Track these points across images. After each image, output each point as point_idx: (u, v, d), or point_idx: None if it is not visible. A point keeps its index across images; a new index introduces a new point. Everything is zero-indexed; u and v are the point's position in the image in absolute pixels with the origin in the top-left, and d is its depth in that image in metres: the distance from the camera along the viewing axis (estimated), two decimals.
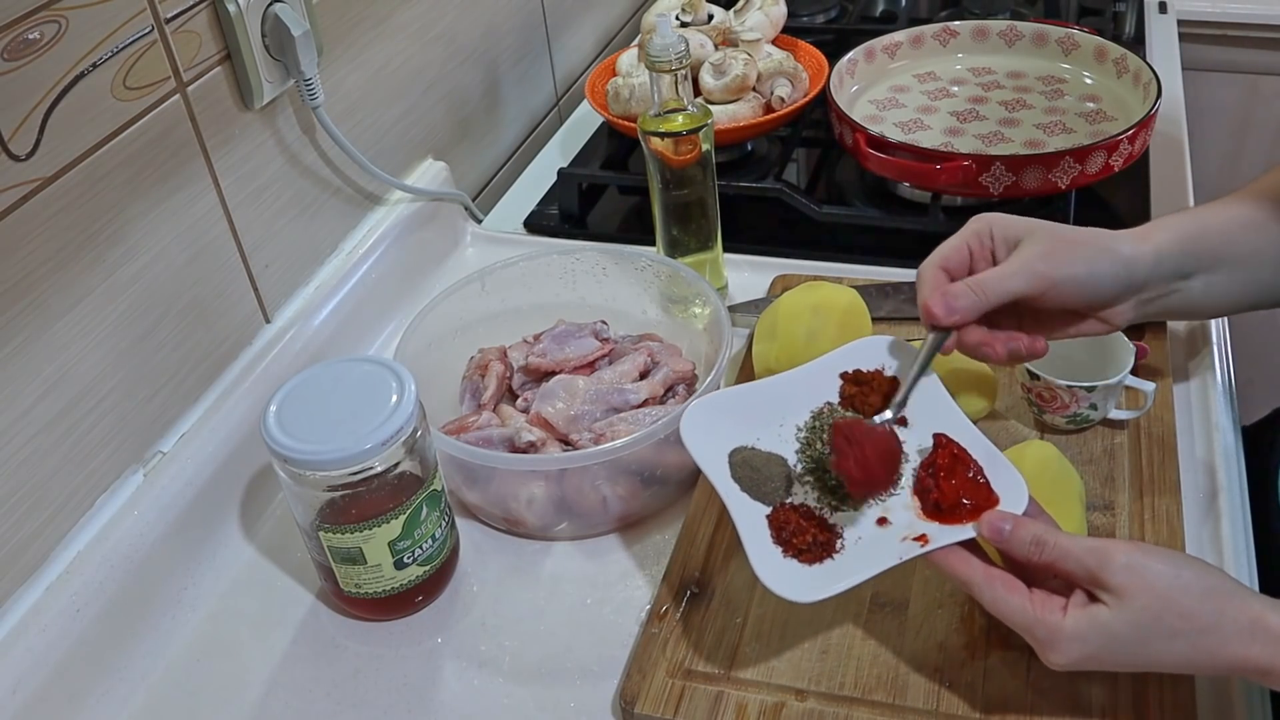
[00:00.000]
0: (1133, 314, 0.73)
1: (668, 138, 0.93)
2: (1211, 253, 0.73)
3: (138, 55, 0.76)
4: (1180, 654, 0.59)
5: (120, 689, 0.75)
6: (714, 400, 0.73)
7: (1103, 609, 0.60)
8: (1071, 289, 0.70)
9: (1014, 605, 0.62)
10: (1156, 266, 0.72)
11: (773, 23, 1.28)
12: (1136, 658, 0.60)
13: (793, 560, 0.66)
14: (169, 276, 0.82)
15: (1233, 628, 0.59)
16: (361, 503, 0.72)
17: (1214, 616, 0.59)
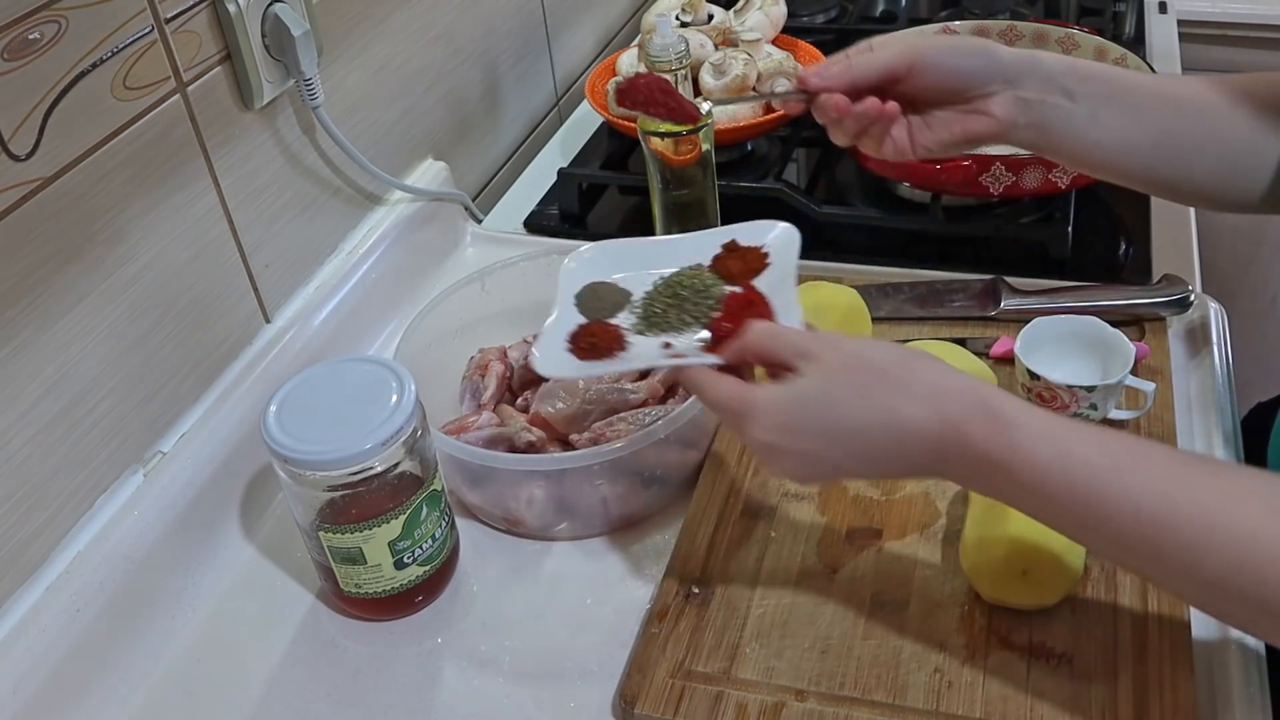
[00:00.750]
0: (1014, 112, 0.73)
1: (668, 138, 0.93)
2: (1098, 83, 0.75)
3: (138, 55, 0.76)
4: (875, 415, 0.59)
5: (120, 689, 0.75)
6: (606, 245, 0.80)
7: (796, 376, 0.60)
8: (935, 63, 0.73)
9: (717, 390, 0.63)
10: (1033, 65, 0.73)
11: (773, 23, 1.28)
12: (831, 424, 0.59)
13: (570, 354, 0.72)
14: (169, 276, 0.82)
15: (925, 387, 0.59)
16: (361, 503, 0.72)
17: (907, 375, 0.59)
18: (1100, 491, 0.56)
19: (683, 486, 0.84)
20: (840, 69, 0.74)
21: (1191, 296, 0.91)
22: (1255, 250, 1.74)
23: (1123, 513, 0.55)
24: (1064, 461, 0.57)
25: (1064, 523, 0.59)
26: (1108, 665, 0.67)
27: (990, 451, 0.58)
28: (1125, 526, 0.55)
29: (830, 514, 0.79)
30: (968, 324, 0.95)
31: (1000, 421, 0.58)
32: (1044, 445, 0.57)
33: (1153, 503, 0.55)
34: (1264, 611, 0.53)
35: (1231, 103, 0.76)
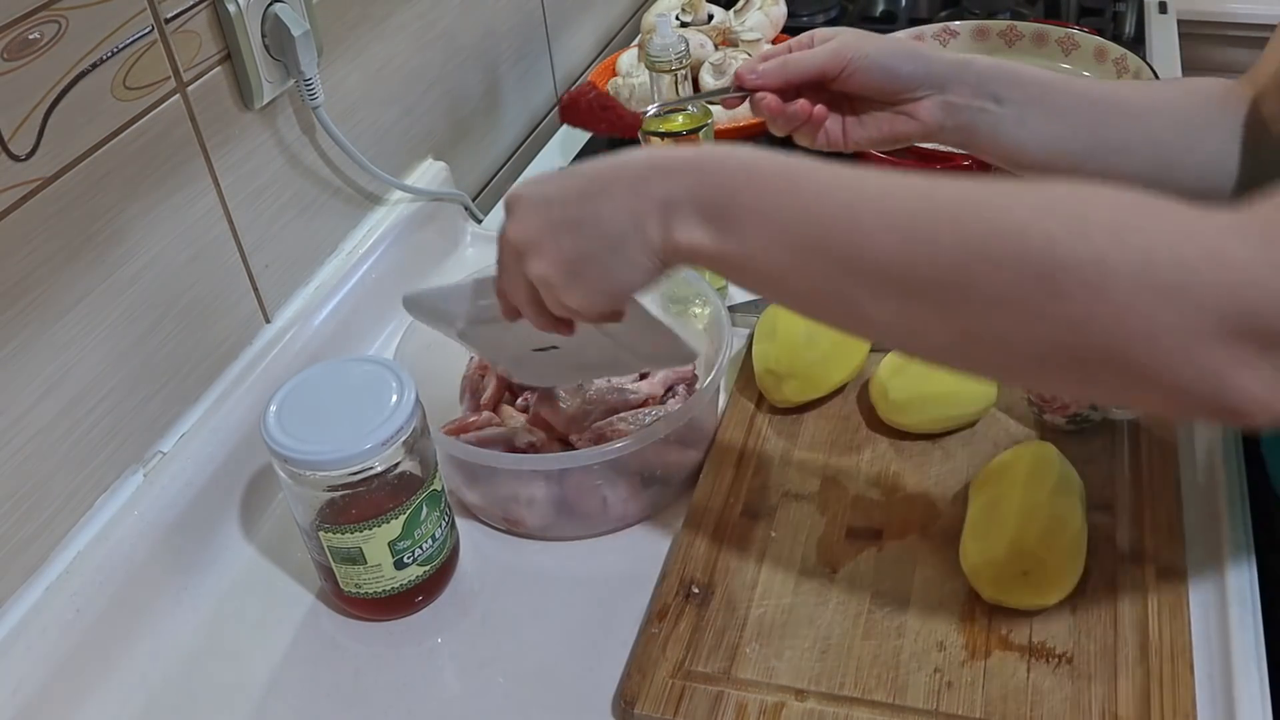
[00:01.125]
0: (941, 116, 0.76)
1: (668, 138, 0.93)
2: (1028, 88, 0.76)
3: (138, 55, 0.76)
4: (603, 163, 0.61)
5: (120, 689, 0.75)
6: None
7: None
8: (866, 66, 0.75)
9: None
10: (963, 70, 0.76)
11: (773, 23, 1.28)
12: (569, 189, 0.61)
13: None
14: (169, 276, 0.82)
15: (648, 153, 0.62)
16: (361, 503, 0.72)
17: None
18: (824, 194, 0.54)
19: (683, 487, 0.84)
20: (775, 67, 0.77)
21: None
22: None
23: (843, 213, 0.54)
24: (788, 168, 0.56)
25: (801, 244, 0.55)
26: (1108, 665, 0.67)
27: (715, 193, 0.57)
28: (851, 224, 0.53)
29: (830, 514, 0.80)
30: None
31: (719, 154, 0.59)
32: (769, 160, 0.57)
33: (877, 189, 0.54)
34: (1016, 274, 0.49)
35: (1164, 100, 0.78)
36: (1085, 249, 0.47)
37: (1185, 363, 0.47)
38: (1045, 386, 0.54)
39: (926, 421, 0.84)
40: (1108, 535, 0.75)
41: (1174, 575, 0.71)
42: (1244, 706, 0.65)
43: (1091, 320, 0.48)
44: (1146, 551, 0.73)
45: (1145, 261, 0.47)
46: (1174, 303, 0.46)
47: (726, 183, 0.57)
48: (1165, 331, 0.47)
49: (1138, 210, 0.49)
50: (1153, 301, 0.47)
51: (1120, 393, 0.51)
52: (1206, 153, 0.77)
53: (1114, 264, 0.47)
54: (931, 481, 0.81)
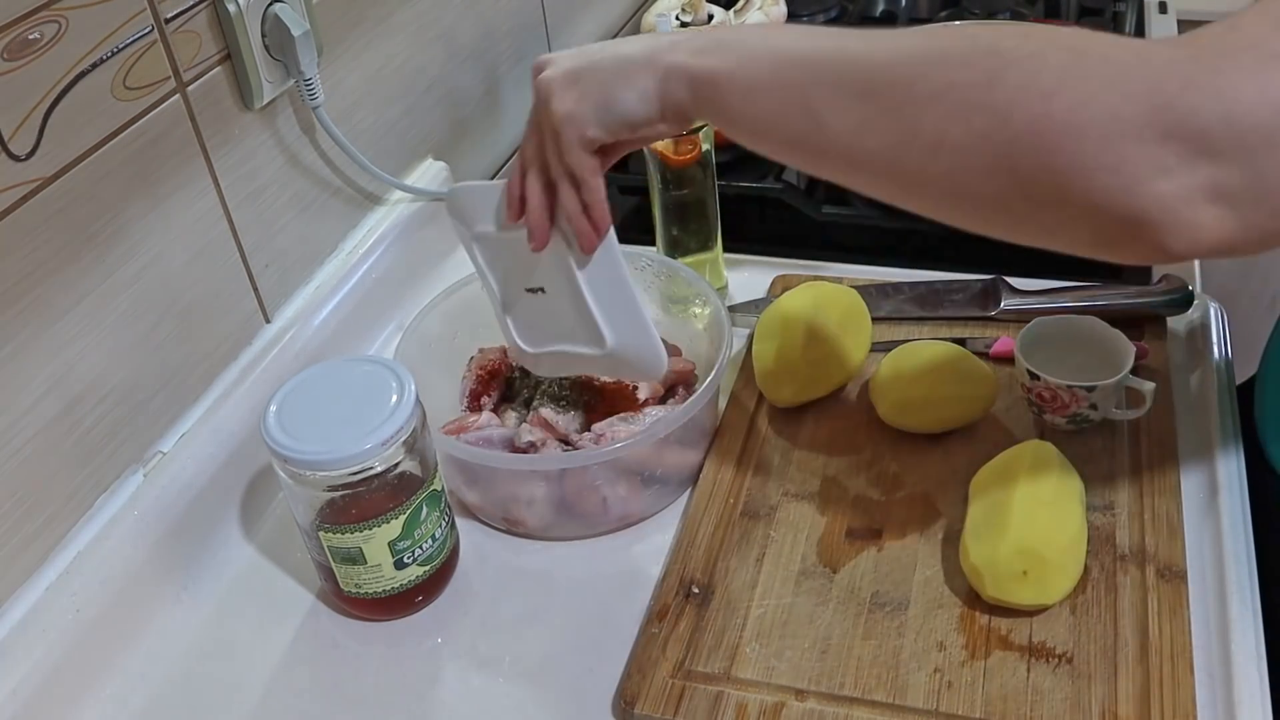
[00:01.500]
0: None
1: (668, 138, 0.93)
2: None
3: (138, 55, 0.76)
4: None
5: (120, 689, 0.75)
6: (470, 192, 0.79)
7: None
8: None
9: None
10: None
11: (772, 22, 1.28)
12: (605, 44, 0.67)
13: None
14: (169, 276, 0.82)
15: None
16: (361, 503, 0.72)
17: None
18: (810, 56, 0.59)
19: (683, 486, 0.84)
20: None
21: (1192, 296, 0.91)
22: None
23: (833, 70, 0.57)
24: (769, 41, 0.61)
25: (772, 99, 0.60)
26: (1108, 665, 0.67)
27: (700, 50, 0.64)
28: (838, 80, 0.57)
29: (830, 514, 0.80)
30: (968, 324, 0.95)
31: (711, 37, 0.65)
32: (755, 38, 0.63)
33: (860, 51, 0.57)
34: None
35: None
36: (1026, 46, 0.51)
37: (1106, 159, 0.48)
38: (972, 207, 0.54)
39: (926, 421, 0.84)
40: (1108, 535, 0.75)
41: (1174, 575, 0.71)
42: (1244, 706, 0.65)
43: (1021, 108, 0.49)
44: (1146, 551, 0.73)
45: (1077, 56, 0.49)
46: (1102, 94, 0.48)
47: (746, 29, 0.65)
48: (1090, 123, 0.48)
49: (1080, 32, 0.52)
50: (1081, 90, 0.48)
51: (1042, 207, 0.51)
52: None
53: (1048, 57, 0.50)
54: (931, 481, 0.81)
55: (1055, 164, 0.49)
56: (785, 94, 0.59)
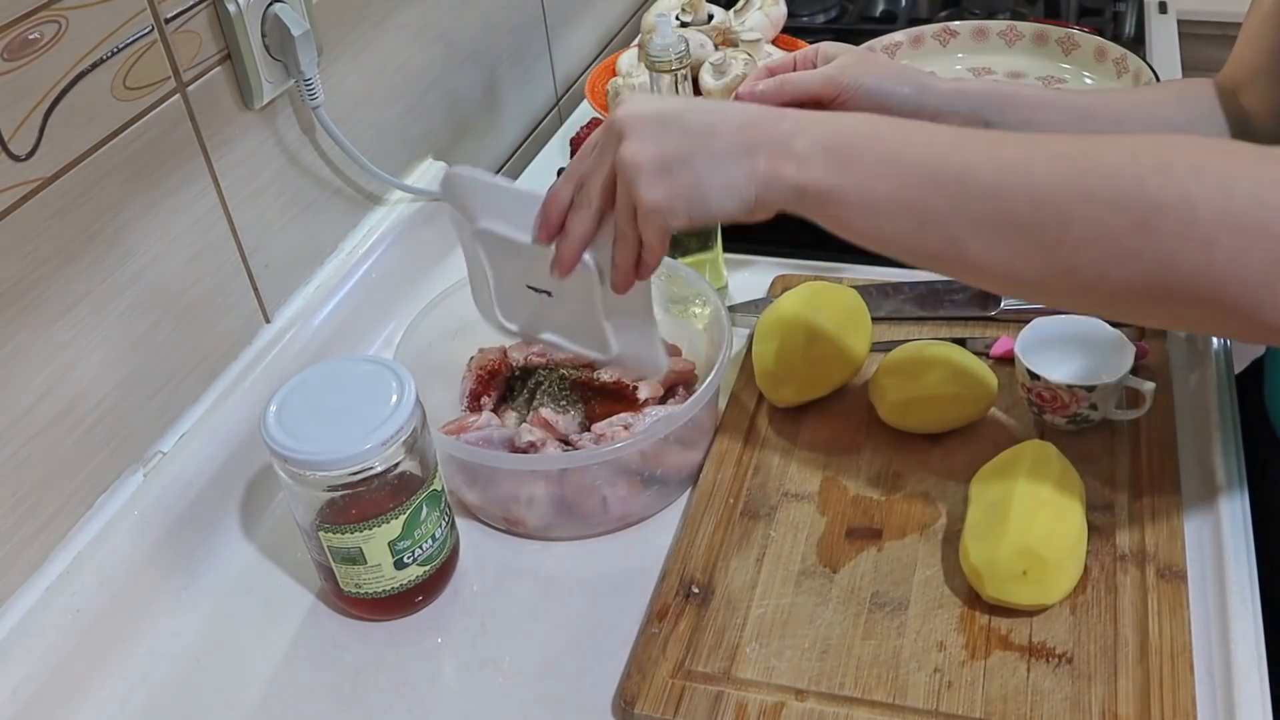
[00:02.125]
0: None
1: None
2: (1015, 109, 0.79)
3: (138, 55, 0.76)
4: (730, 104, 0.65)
5: (120, 689, 0.75)
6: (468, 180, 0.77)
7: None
8: (861, 96, 0.78)
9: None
10: (954, 98, 0.79)
11: (773, 23, 1.28)
12: (692, 103, 0.65)
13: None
14: (169, 276, 0.82)
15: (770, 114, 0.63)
16: (361, 503, 0.72)
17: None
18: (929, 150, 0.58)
19: (683, 486, 0.84)
20: (773, 86, 0.79)
21: None
22: None
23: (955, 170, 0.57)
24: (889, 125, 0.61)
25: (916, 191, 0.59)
26: (1108, 665, 0.67)
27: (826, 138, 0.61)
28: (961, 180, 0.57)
29: (830, 514, 0.80)
30: (968, 324, 0.95)
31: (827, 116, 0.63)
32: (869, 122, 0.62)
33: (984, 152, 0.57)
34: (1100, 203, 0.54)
35: (1156, 105, 0.81)
36: (1173, 189, 0.51)
37: (1269, 296, 0.50)
38: (1135, 318, 0.59)
39: (926, 421, 0.84)
40: (1108, 535, 0.75)
41: (1174, 575, 0.71)
42: (1244, 706, 0.65)
43: (1179, 255, 0.51)
44: (1146, 551, 0.73)
45: (1226, 200, 0.50)
46: (1261, 240, 0.49)
47: (846, 126, 0.62)
48: (1252, 269, 0.50)
49: (1215, 153, 0.52)
50: (1236, 237, 0.50)
51: (1207, 323, 0.54)
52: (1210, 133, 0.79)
53: (1198, 202, 0.50)
54: (931, 481, 0.81)
55: (1219, 302, 0.51)
56: (919, 218, 0.58)
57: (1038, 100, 0.80)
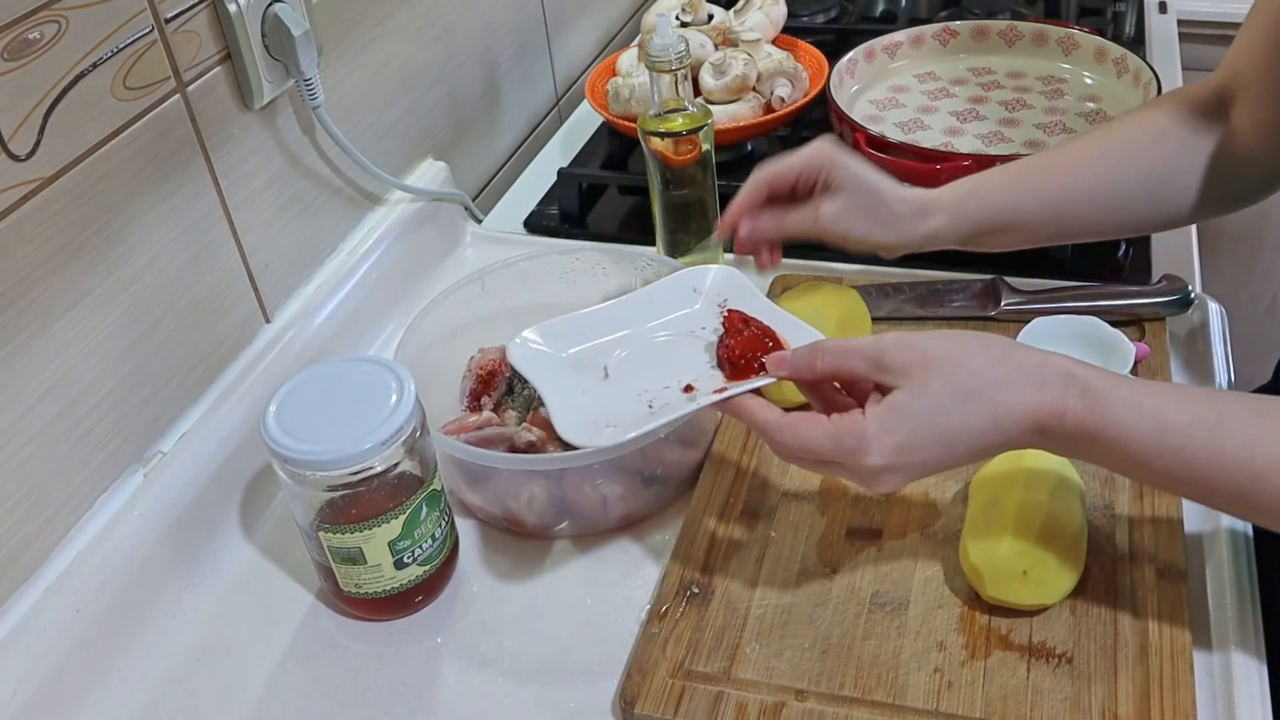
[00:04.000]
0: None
1: (668, 138, 0.93)
2: (995, 226, 0.83)
3: (138, 55, 0.76)
4: (982, 414, 0.61)
5: (120, 689, 0.75)
6: (548, 326, 0.79)
7: (898, 393, 0.61)
8: (854, 242, 0.83)
9: (815, 432, 0.63)
10: (941, 234, 0.83)
11: (773, 23, 1.28)
12: (945, 433, 0.61)
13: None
14: (169, 276, 0.82)
15: (1020, 375, 0.61)
16: (361, 503, 0.72)
17: (1000, 369, 0.61)
18: (1193, 451, 0.60)
19: (683, 486, 0.84)
20: (765, 233, 0.84)
21: (1192, 296, 0.91)
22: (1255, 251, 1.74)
23: (1211, 471, 0.60)
24: (1157, 427, 0.60)
25: (1160, 481, 0.65)
26: (1108, 665, 0.67)
27: (1087, 427, 0.61)
28: (1219, 479, 0.60)
29: (830, 514, 0.80)
30: (968, 324, 0.95)
31: (1092, 396, 0.61)
32: (1137, 415, 0.61)
33: (1239, 456, 0.60)
34: None
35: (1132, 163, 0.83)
36: None
37: None
38: None
39: None
40: (1108, 535, 0.75)
41: (1174, 575, 0.71)
42: (1244, 706, 0.65)
43: None
44: (1146, 551, 0.73)
45: None
46: None
47: (1100, 447, 0.63)
48: None
49: None
50: None
51: None
52: (1176, 200, 0.82)
53: None
54: (931, 481, 0.81)
55: None
56: (1163, 481, 0.65)
57: (1006, 206, 0.83)
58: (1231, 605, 0.71)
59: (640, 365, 0.75)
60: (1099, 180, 0.83)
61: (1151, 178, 0.82)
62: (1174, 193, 0.82)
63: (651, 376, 0.74)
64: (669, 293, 0.80)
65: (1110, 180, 0.83)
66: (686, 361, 0.74)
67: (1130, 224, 0.85)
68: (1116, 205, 0.83)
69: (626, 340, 0.77)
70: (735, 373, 0.71)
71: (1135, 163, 0.82)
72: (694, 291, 0.79)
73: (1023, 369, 0.61)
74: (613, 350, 0.77)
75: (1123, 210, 0.83)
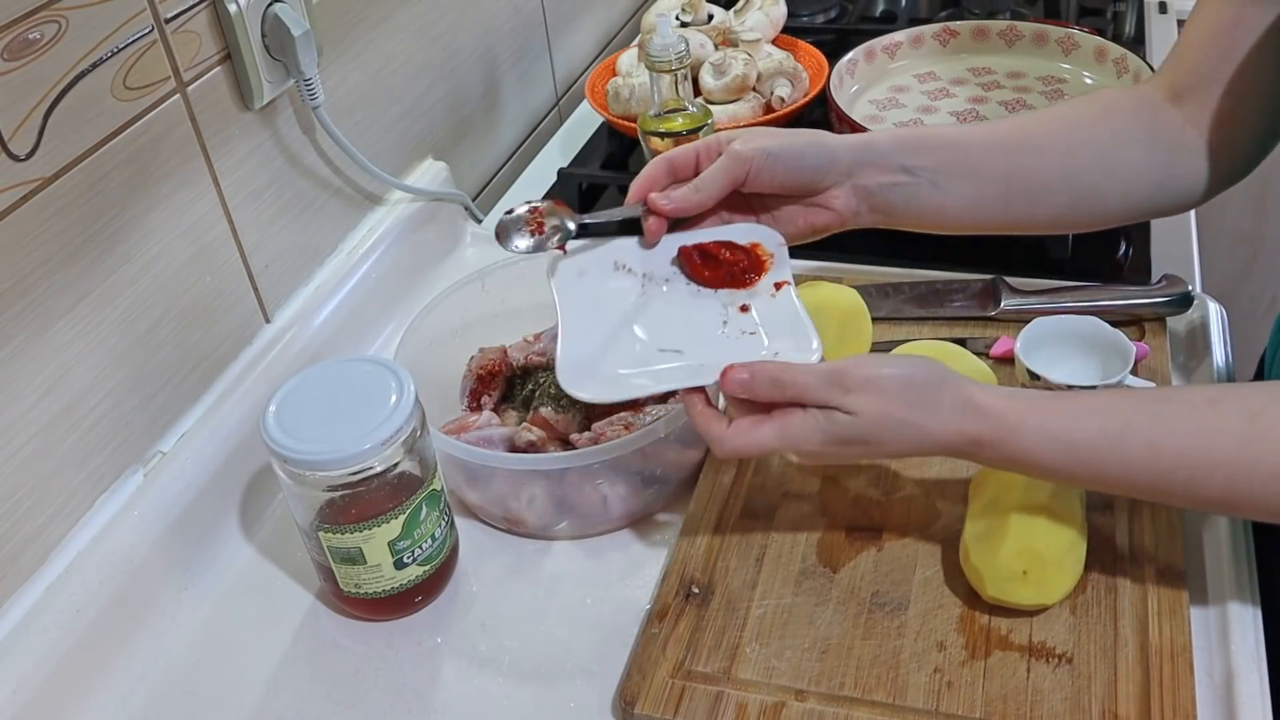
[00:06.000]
0: (854, 202, 0.78)
1: (668, 138, 0.93)
2: (935, 152, 0.78)
3: (138, 55, 0.76)
4: (909, 439, 0.67)
5: (120, 689, 0.75)
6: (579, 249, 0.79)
7: (841, 415, 0.67)
8: (770, 165, 0.75)
9: (765, 431, 0.68)
10: (864, 150, 0.77)
11: (773, 23, 1.28)
12: (875, 446, 0.67)
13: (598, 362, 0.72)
14: (169, 276, 0.82)
15: (949, 407, 0.67)
16: (361, 503, 0.72)
17: (934, 402, 0.67)
18: (1101, 463, 0.66)
19: (683, 486, 0.84)
20: (688, 196, 0.76)
21: (1192, 296, 0.91)
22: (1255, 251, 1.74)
23: (1121, 475, 0.66)
24: (1065, 447, 0.66)
25: (1081, 485, 0.71)
26: (1108, 665, 0.67)
27: (1003, 454, 0.67)
28: (1130, 481, 0.66)
29: (830, 514, 0.80)
30: (968, 324, 0.95)
31: (1006, 429, 0.66)
32: (1046, 439, 0.66)
33: (1143, 458, 0.65)
34: (1270, 512, 0.64)
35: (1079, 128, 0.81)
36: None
37: None
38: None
39: None
40: (1108, 535, 0.75)
41: (1174, 575, 0.71)
42: (1244, 706, 0.65)
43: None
44: (1146, 551, 0.73)
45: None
46: None
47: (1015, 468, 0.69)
48: None
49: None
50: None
51: None
52: (1128, 175, 0.80)
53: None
54: (931, 481, 0.81)
55: None
56: (1079, 486, 0.72)
57: (955, 140, 0.80)
58: (1232, 604, 0.71)
59: (661, 319, 0.75)
60: (1054, 135, 0.81)
61: (1102, 145, 0.80)
62: (1125, 167, 0.80)
63: (669, 334, 0.74)
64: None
65: (1064, 137, 0.81)
66: (705, 319, 0.75)
67: (1083, 192, 0.81)
68: (1067, 163, 0.80)
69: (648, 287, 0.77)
70: (733, 280, 0.75)
71: (1086, 128, 0.81)
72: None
73: (954, 401, 0.67)
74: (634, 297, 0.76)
75: (1074, 173, 0.80)
